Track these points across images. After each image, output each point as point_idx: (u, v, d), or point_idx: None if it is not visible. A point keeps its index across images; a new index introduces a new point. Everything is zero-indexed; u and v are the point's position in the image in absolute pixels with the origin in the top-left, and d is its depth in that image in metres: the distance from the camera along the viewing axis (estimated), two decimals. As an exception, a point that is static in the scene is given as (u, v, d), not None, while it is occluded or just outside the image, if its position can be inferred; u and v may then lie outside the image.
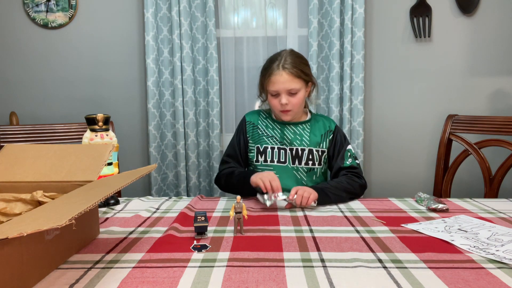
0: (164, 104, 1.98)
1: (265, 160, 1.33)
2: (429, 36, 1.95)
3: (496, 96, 1.98)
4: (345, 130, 1.92)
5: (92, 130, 1.11)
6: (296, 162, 1.32)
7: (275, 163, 1.32)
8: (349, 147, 1.34)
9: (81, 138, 1.14)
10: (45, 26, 1.99)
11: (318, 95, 1.89)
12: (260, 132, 1.37)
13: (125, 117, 2.04)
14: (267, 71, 1.30)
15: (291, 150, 1.33)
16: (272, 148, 1.34)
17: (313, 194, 1.10)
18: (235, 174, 1.30)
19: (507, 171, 1.42)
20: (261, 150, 1.34)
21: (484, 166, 1.46)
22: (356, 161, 1.32)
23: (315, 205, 1.10)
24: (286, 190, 1.15)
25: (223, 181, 1.34)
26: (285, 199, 1.08)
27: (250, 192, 1.22)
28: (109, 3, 2.00)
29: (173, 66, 1.93)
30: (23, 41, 2.00)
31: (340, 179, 1.25)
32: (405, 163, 2.05)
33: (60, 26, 1.99)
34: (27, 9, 1.97)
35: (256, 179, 1.16)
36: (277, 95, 1.29)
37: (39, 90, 2.03)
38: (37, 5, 1.97)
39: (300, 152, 1.32)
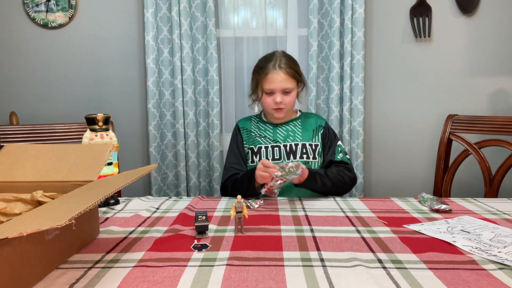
0: (164, 104, 1.98)
1: (260, 160, 1.32)
2: (429, 36, 1.95)
3: (496, 96, 1.98)
4: (345, 130, 1.92)
5: (92, 130, 1.11)
6: (291, 157, 1.36)
7: (270, 160, 1.30)
8: (339, 143, 1.40)
9: (81, 138, 1.14)
10: (45, 26, 1.99)
11: (307, 95, 1.91)
12: (254, 135, 1.42)
13: (125, 117, 2.04)
14: (263, 70, 1.35)
15: (284, 146, 1.37)
16: (266, 147, 1.38)
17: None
18: (239, 178, 1.31)
19: (507, 171, 1.42)
20: (255, 150, 1.38)
21: (484, 166, 1.46)
22: (347, 156, 1.39)
23: (299, 172, 1.13)
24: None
25: (230, 189, 1.34)
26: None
27: (258, 188, 1.23)
28: (109, 3, 2.00)
29: (173, 66, 1.93)
30: (23, 41, 2.00)
31: (331, 169, 1.31)
32: (405, 163, 2.05)
33: (60, 26, 1.99)
34: (27, 9, 1.97)
35: (257, 178, 1.18)
36: (271, 93, 1.35)
37: (39, 90, 2.03)
38: (37, 5, 1.97)
39: (294, 147, 1.37)
